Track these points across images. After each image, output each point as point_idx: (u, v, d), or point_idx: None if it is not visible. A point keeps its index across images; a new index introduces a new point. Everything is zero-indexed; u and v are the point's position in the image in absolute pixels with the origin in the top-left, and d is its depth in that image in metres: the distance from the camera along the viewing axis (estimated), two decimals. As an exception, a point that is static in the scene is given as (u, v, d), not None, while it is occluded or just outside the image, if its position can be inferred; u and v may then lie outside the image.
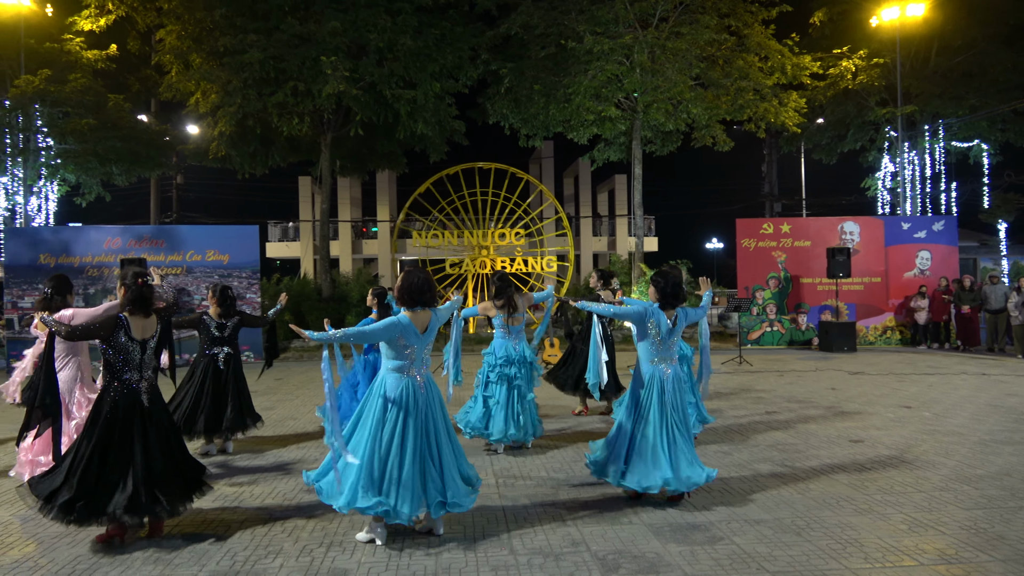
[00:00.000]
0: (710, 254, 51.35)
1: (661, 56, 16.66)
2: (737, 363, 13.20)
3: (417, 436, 4.30)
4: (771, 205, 28.46)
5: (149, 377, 4.47)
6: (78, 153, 18.53)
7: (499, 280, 6.70)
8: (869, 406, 8.72)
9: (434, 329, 4.52)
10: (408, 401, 4.32)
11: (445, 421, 4.50)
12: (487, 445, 6.64)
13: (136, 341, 4.36)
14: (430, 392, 4.45)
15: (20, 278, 14.54)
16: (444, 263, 20.22)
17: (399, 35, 16.05)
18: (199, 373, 6.61)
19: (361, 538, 4.33)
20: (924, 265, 16.37)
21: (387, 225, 30.66)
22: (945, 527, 4.45)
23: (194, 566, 4.01)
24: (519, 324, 6.68)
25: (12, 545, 4.41)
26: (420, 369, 4.44)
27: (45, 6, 19.09)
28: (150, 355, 4.47)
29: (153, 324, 4.51)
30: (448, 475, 4.35)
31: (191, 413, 6.44)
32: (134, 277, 4.41)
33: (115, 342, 4.30)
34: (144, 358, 4.42)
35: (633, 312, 5.08)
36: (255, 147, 18.62)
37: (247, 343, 13.90)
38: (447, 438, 4.46)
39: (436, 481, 4.31)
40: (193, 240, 15.22)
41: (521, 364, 6.54)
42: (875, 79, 20.62)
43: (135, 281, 4.39)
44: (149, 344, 4.45)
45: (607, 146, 20.36)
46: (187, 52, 17.05)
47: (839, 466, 5.93)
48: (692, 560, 3.98)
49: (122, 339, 4.31)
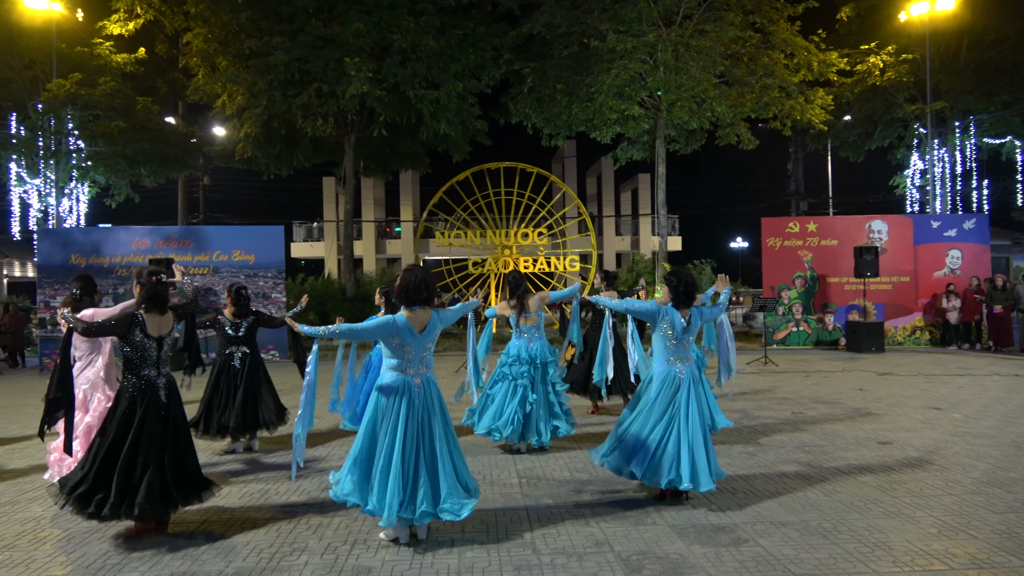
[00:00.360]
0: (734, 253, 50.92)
1: (685, 54, 16.54)
2: (762, 363, 13.07)
3: (408, 438, 4.22)
4: (797, 204, 28.16)
5: (167, 373, 4.55)
6: (108, 155, 18.88)
7: (512, 279, 6.69)
8: (898, 407, 8.58)
9: (434, 329, 4.43)
10: (402, 401, 4.26)
11: (444, 425, 4.38)
12: (507, 445, 6.64)
13: (152, 338, 4.43)
14: (428, 393, 4.36)
15: (52, 278, 14.83)
16: (467, 263, 20.27)
17: (422, 36, 16.12)
18: (214, 373, 6.71)
19: (384, 536, 4.36)
20: (955, 264, 16.08)
21: (410, 225, 30.81)
22: (976, 531, 4.37)
23: (221, 562, 4.06)
24: (532, 324, 6.65)
25: (44, 540, 4.50)
26: (418, 369, 4.37)
27: (76, 11, 19.47)
28: (167, 352, 4.54)
29: (169, 321, 4.57)
30: (443, 481, 4.23)
31: (205, 412, 6.54)
32: (148, 275, 4.48)
33: (132, 339, 4.37)
34: (161, 355, 4.50)
35: (646, 309, 5.05)
36: (280, 148, 18.82)
37: (272, 342, 14.07)
38: (444, 443, 4.33)
39: (426, 486, 4.18)
40: (220, 240, 15.41)
41: (531, 364, 6.48)
42: (904, 75, 20.29)
43: (149, 279, 4.46)
44: (165, 341, 4.52)
45: (630, 145, 20.25)
46: (214, 55, 17.29)
47: (867, 468, 5.85)
48: (717, 562, 3.95)
49: (138, 336, 4.38)
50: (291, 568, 3.96)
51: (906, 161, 22.23)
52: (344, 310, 17.35)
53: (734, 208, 51.54)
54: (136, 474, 4.28)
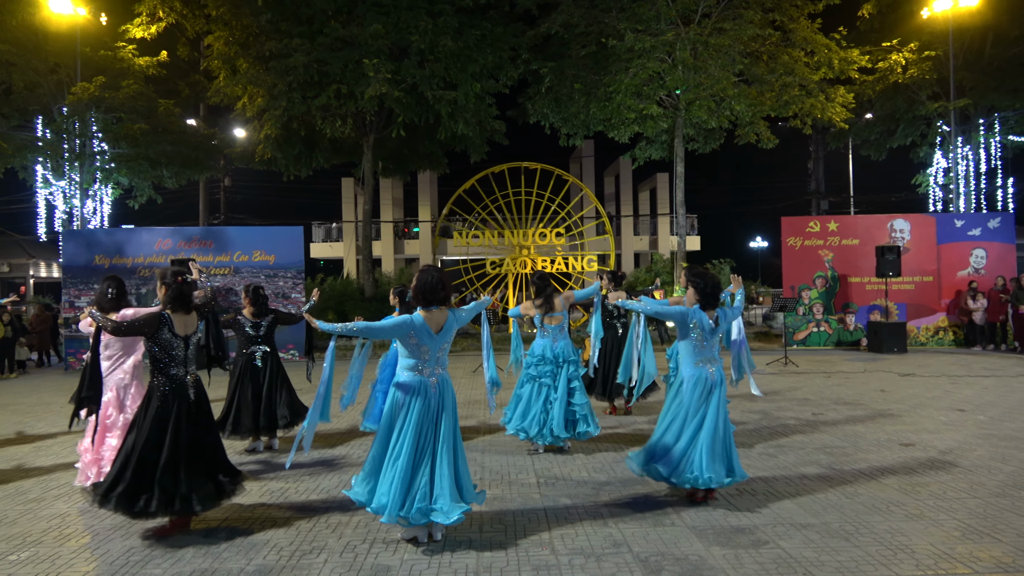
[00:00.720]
0: (754, 253, 50.50)
1: (704, 53, 16.45)
2: (782, 364, 12.95)
3: (421, 437, 4.25)
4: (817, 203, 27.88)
5: (194, 372, 4.63)
6: (131, 157, 19.15)
7: (538, 279, 6.71)
8: (920, 409, 8.47)
9: (451, 329, 4.46)
10: (417, 401, 4.28)
11: (453, 426, 4.40)
12: (530, 445, 6.65)
13: (180, 337, 4.51)
14: (443, 394, 4.38)
15: (77, 278, 15.05)
16: (484, 263, 20.30)
17: (440, 36, 16.18)
18: (236, 373, 6.78)
19: (403, 536, 4.37)
20: (979, 264, 15.85)
21: (428, 225, 30.90)
22: (1001, 534, 4.30)
23: (241, 559, 4.10)
24: (557, 324, 6.66)
25: (70, 536, 4.57)
26: (434, 369, 4.39)
27: (100, 15, 19.77)
28: (192, 351, 4.62)
29: (194, 321, 4.66)
30: (438, 481, 4.21)
31: (233, 412, 6.62)
32: (173, 276, 4.55)
33: (160, 339, 4.44)
34: (188, 353, 4.58)
35: (676, 312, 5.05)
36: (299, 149, 18.98)
37: (292, 342, 14.18)
38: (449, 444, 4.33)
39: (424, 488, 4.18)
40: (240, 241, 15.56)
41: (556, 363, 6.51)
42: (926, 72, 20.01)
43: (175, 279, 4.53)
44: (191, 340, 4.61)
45: (648, 144, 20.17)
46: (234, 57, 17.47)
47: (889, 470, 5.78)
48: (736, 564, 3.92)
49: (166, 335, 4.45)
50: (310, 566, 3.99)
51: (929, 159, 21.94)
52: (363, 310, 17.45)
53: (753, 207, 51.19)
54: (180, 471, 4.36)
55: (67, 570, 4.02)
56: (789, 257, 16.42)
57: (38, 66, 18.74)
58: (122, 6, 20.11)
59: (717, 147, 20.05)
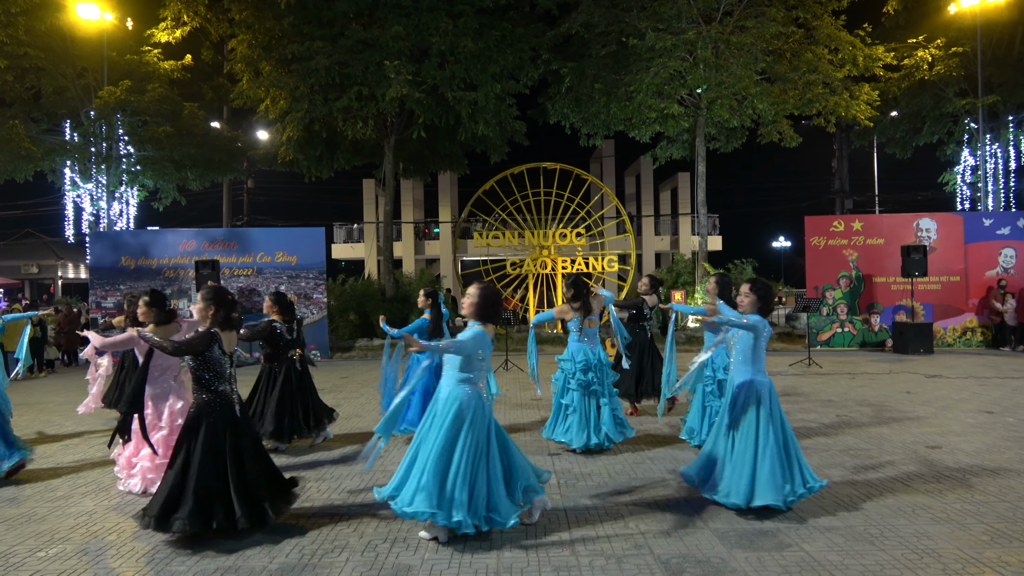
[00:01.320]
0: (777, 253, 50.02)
1: (725, 51, 16.32)
2: (806, 365, 12.82)
3: (478, 447, 4.32)
4: (842, 202, 27.57)
5: (235, 388, 4.74)
6: (156, 159, 19.44)
7: (574, 283, 6.63)
8: (947, 411, 8.34)
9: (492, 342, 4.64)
10: (474, 413, 4.35)
11: (499, 429, 4.53)
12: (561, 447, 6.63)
13: (226, 355, 4.65)
14: (488, 404, 4.53)
15: (103, 279, 15.30)
16: (505, 263, 20.31)
17: (460, 37, 16.21)
18: (279, 378, 6.90)
19: (424, 535, 4.39)
20: (1008, 263, 15.56)
21: (449, 226, 30.98)
22: (1032, 539, 4.22)
23: (264, 558, 4.14)
24: (594, 327, 6.62)
25: (96, 533, 4.65)
26: (483, 379, 4.54)
27: (126, 20, 20.09)
28: (235, 367, 4.77)
29: (235, 338, 4.79)
30: (494, 488, 4.31)
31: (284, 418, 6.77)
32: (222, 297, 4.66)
33: (210, 356, 4.56)
34: (232, 370, 4.71)
35: (756, 320, 4.87)
36: (321, 151, 19.12)
37: (313, 342, 14.29)
38: (502, 447, 4.46)
39: (482, 492, 4.25)
40: (263, 242, 15.72)
41: (598, 369, 6.48)
42: (953, 69, 19.68)
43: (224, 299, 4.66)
44: (233, 357, 4.76)
45: (670, 144, 20.06)
46: (257, 60, 17.64)
47: (915, 473, 5.69)
48: (759, 567, 3.89)
49: (216, 353, 4.58)
50: (332, 565, 4.02)
51: (956, 157, 21.57)
52: (384, 310, 17.52)
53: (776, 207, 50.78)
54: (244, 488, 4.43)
55: (94, 566, 4.09)
56: (813, 257, 16.24)
57: (66, 71, 19.08)
58: (147, 11, 20.43)
59: (739, 146, 19.89)
